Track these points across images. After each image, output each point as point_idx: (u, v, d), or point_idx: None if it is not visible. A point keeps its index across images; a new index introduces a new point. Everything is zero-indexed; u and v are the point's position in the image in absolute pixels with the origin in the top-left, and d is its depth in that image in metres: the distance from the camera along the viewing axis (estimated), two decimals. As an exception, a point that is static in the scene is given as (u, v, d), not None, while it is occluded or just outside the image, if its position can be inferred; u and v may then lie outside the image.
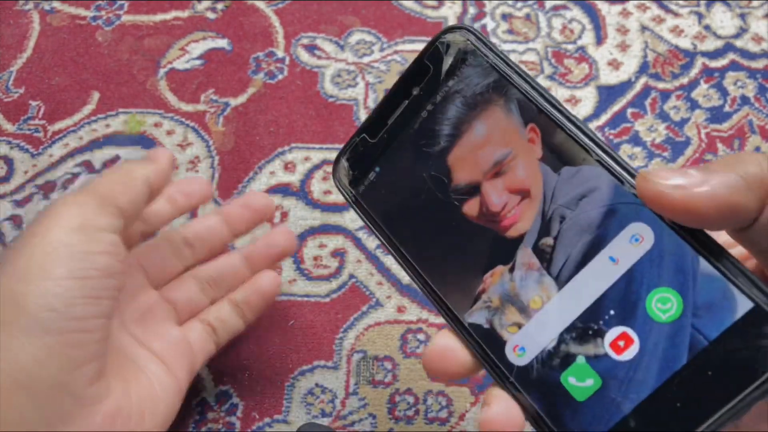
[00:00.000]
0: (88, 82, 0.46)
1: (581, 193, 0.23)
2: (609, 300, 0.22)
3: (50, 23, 0.48)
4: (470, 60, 0.25)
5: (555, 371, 0.22)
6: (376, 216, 0.27)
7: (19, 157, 0.44)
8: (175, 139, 0.44)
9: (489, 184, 0.24)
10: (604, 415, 0.21)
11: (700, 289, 0.20)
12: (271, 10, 0.48)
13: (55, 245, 0.24)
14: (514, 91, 0.24)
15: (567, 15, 0.47)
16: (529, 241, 0.23)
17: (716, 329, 0.20)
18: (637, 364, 0.21)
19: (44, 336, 0.23)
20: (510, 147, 0.24)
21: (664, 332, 0.21)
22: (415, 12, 0.48)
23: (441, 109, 0.26)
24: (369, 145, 0.27)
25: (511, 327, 0.23)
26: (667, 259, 0.21)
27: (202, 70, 0.46)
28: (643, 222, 0.21)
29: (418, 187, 0.26)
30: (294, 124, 0.44)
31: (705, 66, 0.45)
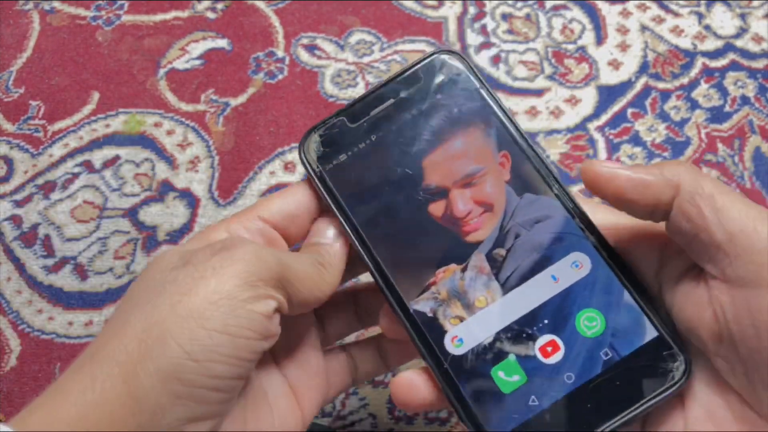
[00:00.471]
0: (88, 82, 0.46)
1: (537, 217, 0.27)
2: (545, 311, 0.26)
3: (50, 23, 0.48)
4: (461, 82, 0.28)
5: (487, 364, 0.26)
6: (339, 196, 0.28)
7: (19, 157, 0.44)
8: (175, 139, 0.44)
9: (458, 191, 0.28)
10: (524, 408, 0.25)
11: (620, 315, 0.25)
12: (271, 10, 0.48)
13: (222, 294, 0.23)
14: (494, 120, 0.28)
15: (567, 15, 0.47)
16: (484, 248, 0.27)
17: (627, 349, 0.25)
18: (559, 368, 0.25)
19: (176, 383, 0.22)
20: (483, 165, 0.28)
21: (586, 345, 0.25)
22: (415, 12, 0.48)
23: (425, 116, 0.28)
24: (346, 128, 0.29)
25: (453, 319, 0.26)
26: (598, 286, 0.26)
27: (202, 70, 0.46)
28: (585, 253, 0.26)
29: (388, 179, 0.28)
30: (294, 124, 0.44)
31: (705, 66, 0.45)
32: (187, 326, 0.23)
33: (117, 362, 0.22)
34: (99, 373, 0.22)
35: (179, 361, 0.22)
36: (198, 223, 0.42)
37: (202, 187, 0.43)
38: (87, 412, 0.22)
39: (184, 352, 0.22)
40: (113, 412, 0.22)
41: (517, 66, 0.46)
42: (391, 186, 0.28)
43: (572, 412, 0.25)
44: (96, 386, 0.22)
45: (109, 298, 0.40)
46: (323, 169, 0.28)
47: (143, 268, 0.41)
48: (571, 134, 0.44)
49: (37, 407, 0.22)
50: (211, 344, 0.23)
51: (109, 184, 0.43)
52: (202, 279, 0.24)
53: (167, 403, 0.22)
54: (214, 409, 0.23)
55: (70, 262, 0.41)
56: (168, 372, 0.22)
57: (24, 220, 0.42)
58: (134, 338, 0.23)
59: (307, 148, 0.29)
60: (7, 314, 0.40)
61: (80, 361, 0.23)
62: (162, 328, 0.23)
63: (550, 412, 0.25)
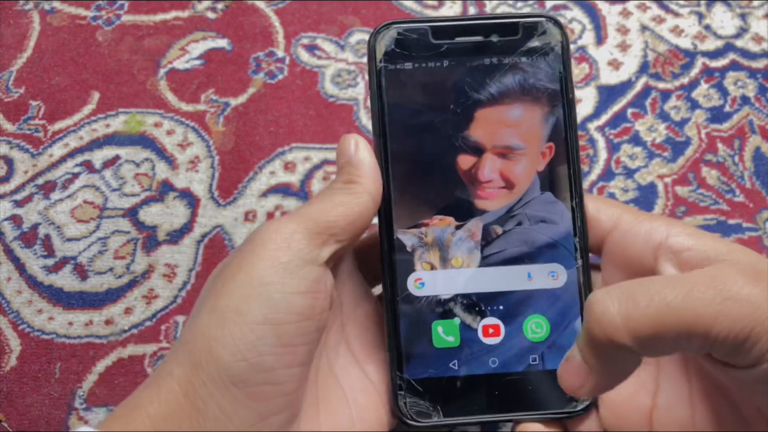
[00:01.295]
0: (88, 82, 0.46)
1: (545, 217, 0.27)
2: (505, 299, 0.27)
3: (50, 23, 0.48)
4: (550, 57, 0.28)
5: (433, 315, 0.27)
6: (386, 100, 0.28)
7: (19, 157, 0.44)
8: (175, 139, 0.44)
9: (492, 157, 0.28)
10: (443, 367, 0.27)
11: (563, 335, 0.27)
12: (271, 10, 0.48)
13: (254, 285, 0.23)
14: (559, 110, 0.28)
15: (567, 15, 0.47)
16: (485, 219, 0.28)
17: (553, 364, 0.27)
18: (490, 350, 0.27)
19: (232, 387, 0.22)
20: (527, 145, 0.28)
21: (523, 344, 0.27)
22: (415, 12, 0.48)
23: (502, 70, 0.28)
24: (427, 40, 0.28)
25: (426, 264, 0.27)
26: (561, 302, 0.27)
27: (202, 70, 0.46)
28: (565, 269, 0.27)
29: (437, 110, 0.28)
30: (294, 124, 0.44)
31: (705, 66, 0.45)
32: (227, 328, 0.22)
33: (174, 377, 0.23)
34: (163, 388, 0.23)
35: (228, 363, 0.22)
36: (198, 223, 0.42)
37: (202, 187, 0.43)
38: (157, 426, 0.22)
39: (230, 354, 0.22)
40: (181, 423, 0.22)
41: (517, 66, 0.46)
42: (437, 118, 0.27)
43: (478, 391, 0.27)
44: (162, 400, 0.22)
45: (109, 298, 0.40)
46: (385, 66, 0.28)
47: (143, 268, 0.41)
48: (571, 134, 0.44)
49: (115, 418, 0.22)
50: (255, 338, 0.22)
51: (109, 184, 0.43)
52: (232, 279, 0.23)
53: (229, 407, 0.22)
54: (280, 403, 0.23)
55: (70, 262, 0.41)
56: (220, 377, 0.22)
57: (24, 220, 0.42)
58: (184, 353, 0.23)
59: (380, 38, 0.28)
60: (7, 314, 0.40)
61: (152, 377, 0.24)
62: (204, 337, 0.23)
63: (461, 381, 0.27)
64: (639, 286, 0.20)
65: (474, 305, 0.27)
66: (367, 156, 0.26)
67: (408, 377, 0.27)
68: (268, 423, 0.23)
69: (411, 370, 0.27)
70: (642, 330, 0.19)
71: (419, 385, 0.27)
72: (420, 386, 0.27)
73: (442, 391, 0.27)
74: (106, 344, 0.39)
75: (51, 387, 0.38)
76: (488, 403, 0.27)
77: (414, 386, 0.27)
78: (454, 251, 0.27)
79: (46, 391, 0.38)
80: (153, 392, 0.23)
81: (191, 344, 0.23)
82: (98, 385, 0.38)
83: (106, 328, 0.39)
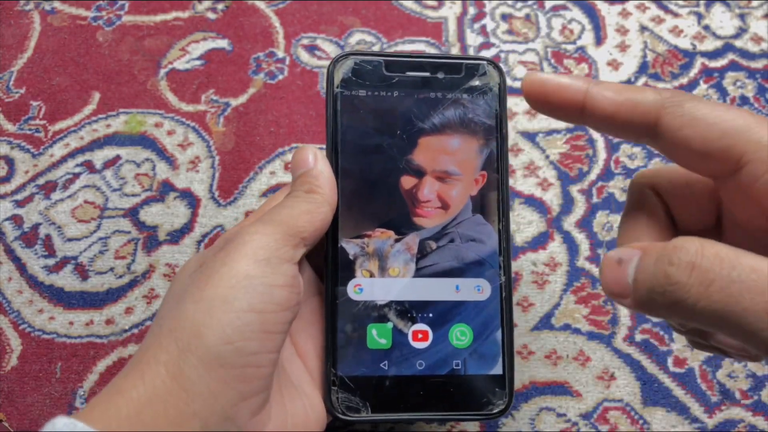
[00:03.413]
0: (88, 82, 0.46)
1: (475, 237, 0.30)
2: (435, 307, 0.30)
3: (51, 23, 0.48)
4: (488, 96, 0.31)
5: (368, 319, 0.30)
6: (340, 122, 0.30)
7: (20, 157, 0.44)
8: (176, 139, 0.44)
9: (431, 179, 0.31)
10: (374, 366, 0.29)
11: (485, 343, 0.30)
12: (272, 11, 0.48)
13: (239, 277, 0.25)
14: (492, 144, 0.31)
15: (567, 15, 0.47)
16: (421, 234, 0.30)
17: (474, 370, 0.30)
18: (418, 353, 0.29)
19: (219, 369, 0.24)
20: (462, 172, 0.31)
21: (448, 350, 0.30)
22: (415, 12, 0.48)
23: (445, 104, 0.31)
24: (380, 71, 0.31)
25: (365, 271, 0.30)
26: (484, 314, 0.30)
27: (202, 70, 0.46)
28: (490, 284, 0.30)
29: (386, 134, 0.30)
30: (294, 124, 0.44)
31: (704, 66, 0.45)
32: (214, 314, 0.24)
33: (161, 362, 0.24)
34: (147, 373, 0.24)
35: (216, 346, 0.24)
36: (198, 223, 0.42)
37: (203, 187, 0.43)
38: (142, 407, 0.23)
39: (218, 337, 0.24)
40: (167, 403, 0.23)
41: (517, 66, 0.46)
42: (385, 141, 0.30)
43: (405, 390, 0.29)
44: (147, 384, 0.23)
45: (109, 298, 0.40)
46: (341, 91, 0.31)
47: (144, 268, 0.41)
48: (571, 134, 0.44)
49: (94, 405, 0.23)
50: (241, 324, 0.24)
51: (109, 184, 0.43)
52: (216, 272, 0.25)
53: (217, 388, 0.24)
54: (260, 384, 0.25)
55: (70, 262, 0.41)
56: (209, 359, 0.24)
57: (25, 220, 0.42)
58: (170, 338, 0.24)
59: (339, 66, 0.31)
60: (8, 314, 0.40)
61: (129, 367, 0.25)
62: (192, 322, 0.24)
63: (389, 380, 0.29)
64: (720, 270, 0.19)
65: (406, 312, 0.30)
66: (325, 168, 0.29)
67: (341, 374, 0.29)
68: (248, 403, 0.25)
69: (344, 367, 0.29)
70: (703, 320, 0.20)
71: (351, 382, 0.29)
72: (351, 383, 0.29)
73: (372, 388, 0.29)
74: (106, 344, 0.39)
75: (52, 386, 0.38)
76: (414, 403, 0.29)
77: (346, 383, 0.29)
78: (391, 262, 0.30)
79: (46, 391, 0.38)
80: (136, 378, 0.24)
81: (177, 331, 0.24)
82: (99, 384, 0.38)
83: (106, 328, 0.40)
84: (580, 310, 0.40)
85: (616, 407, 0.38)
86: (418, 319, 0.30)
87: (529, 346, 0.39)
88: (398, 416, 0.29)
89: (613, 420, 0.37)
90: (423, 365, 0.29)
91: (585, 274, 0.40)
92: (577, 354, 0.39)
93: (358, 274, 0.30)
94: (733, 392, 0.38)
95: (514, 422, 0.37)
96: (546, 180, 0.42)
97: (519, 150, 0.43)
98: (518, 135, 0.44)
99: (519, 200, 0.42)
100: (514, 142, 0.43)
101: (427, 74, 0.31)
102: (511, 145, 0.43)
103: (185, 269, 0.28)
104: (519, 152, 0.43)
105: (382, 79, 0.31)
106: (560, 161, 0.43)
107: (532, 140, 0.43)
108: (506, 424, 0.37)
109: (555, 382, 0.38)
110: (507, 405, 0.29)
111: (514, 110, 0.44)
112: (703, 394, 0.38)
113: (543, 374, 0.38)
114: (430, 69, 0.31)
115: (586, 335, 0.39)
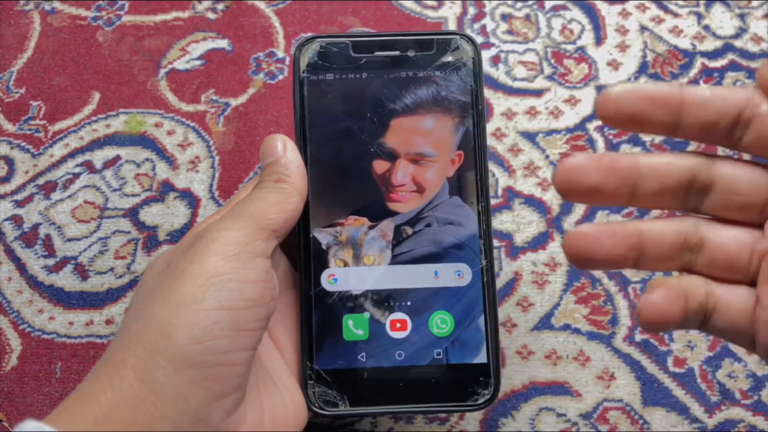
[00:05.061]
0: (88, 82, 0.46)
1: (452, 219, 0.29)
2: (413, 295, 0.29)
3: (51, 23, 0.48)
4: (462, 72, 0.30)
5: (343, 309, 0.29)
6: (307, 107, 0.30)
7: (20, 157, 0.44)
8: (176, 139, 0.44)
9: (404, 163, 0.29)
10: (352, 358, 0.28)
11: (467, 331, 0.29)
12: (272, 11, 0.48)
13: (209, 275, 0.24)
14: (468, 121, 0.29)
15: (567, 15, 0.47)
16: (397, 220, 0.29)
17: (456, 359, 0.28)
18: (397, 343, 0.29)
19: (188, 369, 0.23)
20: (437, 152, 0.29)
21: (428, 339, 0.29)
22: (415, 12, 0.48)
23: (416, 83, 0.30)
24: (347, 53, 0.30)
25: (339, 261, 0.29)
26: (465, 300, 0.29)
27: (202, 70, 0.46)
28: (471, 269, 0.29)
29: (355, 118, 0.30)
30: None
31: (704, 66, 0.45)
32: (183, 313, 0.23)
33: (128, 365, 0.23)
34: (115, 377, 0.23)
35: (185, 347, 0.23)
36: (198, 223, 0.42)
37: (203, 187, 0.43)
38: (110, 411, 0.22)
39: (186, 337, 0.23)
40: (135, 407, 0.23)
41: (517, 66, 0.46)
42: (355, 125, 0.30)
43: (384, 382, 0.28)
44: (114, 388, 0.23)
45: (109, 298, 0.40)
46: (308, 76, 0.30)
47: (144, 268, 0.41)
48: (571, 134, 0.44)
49: (62, 410, 0.23)
50: (210, 323, 0.24)
51: (109, 184, 0.43)
52: (185, 271, 0.24)
53: (186, 389, 0.23)
54: (233, 384, 0.24)
55: (70, 262, 0.41)
56: (178, 360, 0.23)
57: (25, 220, 0.42)
58: (138, 340, 0.24)
59: (304, 50, 0.30)
60: (7, 314, 0.40)
61: (96, 370, 0.24)
62: (160, 323, 0.24)
63: (368, 372, 0.28)
64: None
65: (383, 301, 0.29)
66: (295, 156, 0.28)
67: (317, 368, 0.28)
68: (221, 403, 0.24)
69: (321, 361, 0.28)
70: None
71: (328, 376, 0.28)
72: (328, 376, 0.28)
73: (350, 381, 0.28)
74: (106, 344, 0.39)
75: (52, 387, 0.38)
76: (393, 395, 0.28)
77: (323, 376, 0.28)
78: (366, 250, 0.29)
79: (46, 391, 0.38)
80: (104, 382, 0.23)
81: (145, 333, 0.24)
82: (99, 384, 0.38)
83: (106, 328, 0.40)
84: (580, 310, 0.40)
85: (616, 407, 0.38)
86: (396, 308, 0.29)
87: (528, 347, 0.39)
88: (378, 409, 0.28)
89: (613, 420, 0.37)
90: (402, 356, 0.28)
91: (585, 274, 0.40)
92: (577, 354, 0.39)
93: (331, 264, 0.29)
94: (733, 392, 0.38)
95: (514, 422, 0.37)
96: (546, 180, 0.43)
97: (519, 150, 0.43)
98: (518, 135, 0.44)
99: (519, 200, 0.42)
100: (514, 142, 0.43)
101: (396, 53, 0.30)
102: (511, 145, 0.43)
103: (153, 268, 0.27)
104: (519, 152, 0.43)
105: (349, 61, 0.30)
106: (560, 161, 0.43)
107: (532, 140, 0.43)
108: (506, 424, 0.37)
109: (555, 382, 0.38)
110: (493, 395, 0.28)
111: (513, 110, 0.44)
112: (703, 394, 0.38)
113: (543, 374, 0.38)
114: (400, 47, 0.30)
115: (586, 335, 0.39)
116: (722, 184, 0.22)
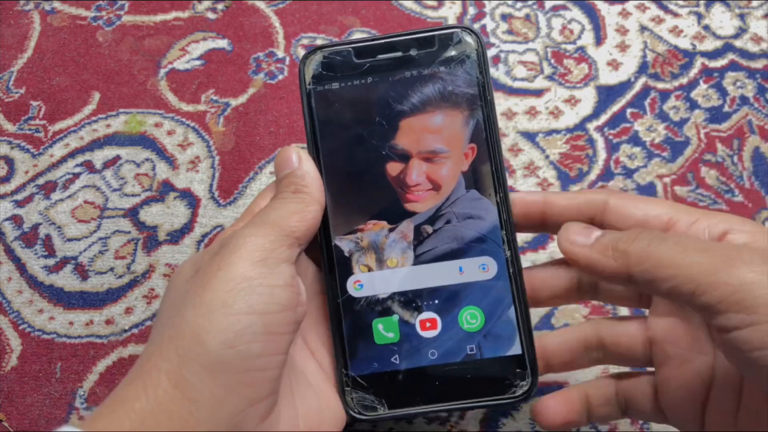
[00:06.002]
0: (88, 82, 0.46)
1: (472, 213, 0.29)
2: (440, 293, 0.29)
3: (51, 23, 0.48)
4: (467, 64, 0.30)
5: (373, 314, 0.29)
6: (317, 118, 0.30)
7: (20, 157, 0.44)
8: (176, 139, 0.44)
9: (418, 162, 0.29)
10: (386, 361, 0.28)
11: (499, 324, 0.28)
12: (271, 11, 0.48)
13: (238, 280, 0.24)
14: (478, 113, 0.29)
15: (566, 15, 0.47)
16: (416, 220, 0.29)
17: (490, 353, 0.28)
18: (429, 343, 0.28)
19: (222, 374, 0.23)
20: (449, 148, 0.29)
21: (459, 335, 0.28)
22: (415, 12, 0.48)
23: (422, 81, 0.30)
24: (350, 60, 0.30)
25: (363, 266, 0.29)
26: (493, 293, 0.29)
27: (202, 70, 0.46)
28: (495, 261, 0.29)
29: (364, 123, 0.30)
30: (294, 124, 0.44)
31: (704, 66, 0.45)
32: (214, 319, 0.24)
33: (162, 371, 0.23)
34: (149, 383, 0.23)
35: (218, 351, 0.23)
36: (198, 223, 0.42)
37: (203, 187, 0.43)
38: (146, 419, 0.22)
39: (219, 342, 0.23)
40: (171, 413, 0.22)
41: (517, 66, 0.46)
42: (365, 131, 0.30)
43: (420, 382, 0.28)
44: (149, 395, 0.23)
45: (109, 298, 0.40)
46: (314, 88, 0.30)
47: (144, 268, 0.41)
48: (571, 134, 0.44)
49: (97, 417, 0.23)
50: (242, 327, 0.24)
51: (109, 184, 0.43)
52: (213, 277, 0.25)
53: (221, 394, 0.23)
54: (266, 388, 0.24)
55: (70, 262, 0.41)
56: (212, 365, 0.23)
57: (25, 220, 0.42)
58: (171, 346, 0.24)
59: (308, 62, 0.30)
60: (8, 314, 0.40)
61: (129, 377, 0.24)
62: (192, 329, 0.24)
63: (402, 374, 0.28)
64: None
65: (410, 301, 0.29)
66: (311, 167, 0.29)
67: (353, 374, 0.28)
68: (255, 408, 0.24)
69: (355, 367, 0.28)
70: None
71: (364, 381, 0.28)
72: (365, 382, 0.28)
73: (386, 385, 0.28)
74: (106, 344, 0.39)
75: (52, 387, 0.38)
76: (431, 394, 0.28)
77: (359, 382, 0.28)
78: (388, 252, 0.29)
79: (46, 391, 0.38)
80: (138, 388, 0.23)
81: (177, 339, 0.24)
82: (99, 384, 0.38)
83: (106, 328, 0.40)
84: (580, 310, 0.40)
85: (616, 407, 0.38)
86: (424, 308, 0.29)
87: (529, 346, 0.39)
88: (417, 410, 0.28)
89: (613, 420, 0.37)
90: (435, 354, 0.28)
91: (585, 274, 0.40)
92: (577, 354, 0.39)
93: (355, 270, 0.29)
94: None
95: (514, 422, 0.37)
96: (546, 180, 0.43)
97: (519, 150, 0.43)
98: (518, 135, 0.44)
99: (519, 200, 0.42)
100: (514, 142, 0.43)
101: (399, 54, 0.30)
102: (511, 145, 0.43)
103: (180, 274, 0.27)
104: (519, 152, 0.43)
105: (353, 68, 0.30)
106: (560, 161, 0.43)
107: (532, 140, 0.43)
108: (506, 425, 0.37)
109: (555, 382, 0.38)
110: (531, 385, 0.28)
111: (513, 110, 0.44)
112: (703, 394, 0.38)
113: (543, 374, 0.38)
114: (402, 48, 0.30)
115: (586, 335, 0.39)
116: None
